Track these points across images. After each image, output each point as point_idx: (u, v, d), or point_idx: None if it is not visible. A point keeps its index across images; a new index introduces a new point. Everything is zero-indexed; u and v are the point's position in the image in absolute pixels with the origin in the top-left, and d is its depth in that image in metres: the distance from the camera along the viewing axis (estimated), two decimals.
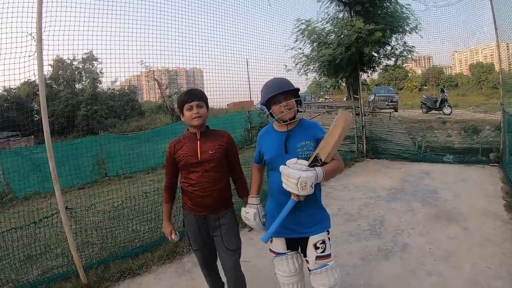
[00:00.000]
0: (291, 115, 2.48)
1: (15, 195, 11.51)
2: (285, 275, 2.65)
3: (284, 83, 2.53)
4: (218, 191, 2.74)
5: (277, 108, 2.50)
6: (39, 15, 3.91)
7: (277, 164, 2.45)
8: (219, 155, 2.75)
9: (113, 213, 6.05)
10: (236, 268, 2.88)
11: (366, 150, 10.65)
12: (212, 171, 2.72)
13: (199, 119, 2.69)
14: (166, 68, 28.97)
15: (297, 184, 2.23)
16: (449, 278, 3.67)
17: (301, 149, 2.46)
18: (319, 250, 2.48)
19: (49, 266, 4.72)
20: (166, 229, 2.94)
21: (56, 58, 33.77)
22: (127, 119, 34.10)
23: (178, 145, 2.80)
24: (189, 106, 2.68)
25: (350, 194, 6.88)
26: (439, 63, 45.35)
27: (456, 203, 5.95)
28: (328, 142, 2.38)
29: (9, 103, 34.61)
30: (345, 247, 4.55)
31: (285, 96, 2.49)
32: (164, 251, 4.80)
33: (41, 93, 3.97)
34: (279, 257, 2.65)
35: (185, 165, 2.75)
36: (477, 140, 10.39)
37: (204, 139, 2.77)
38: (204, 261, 2.99)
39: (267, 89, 2.54)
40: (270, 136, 2.65)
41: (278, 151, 2.53)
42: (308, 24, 11.02)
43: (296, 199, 2.35)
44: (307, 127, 2.59)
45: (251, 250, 2.83)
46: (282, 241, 2.61)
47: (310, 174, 2.26)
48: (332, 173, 2.43)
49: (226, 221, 2.81)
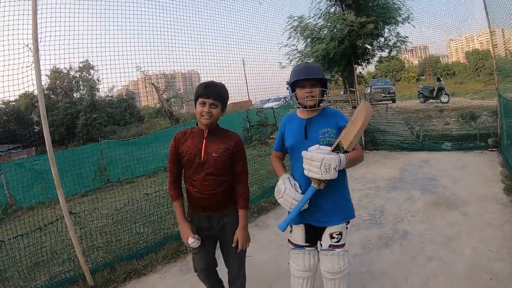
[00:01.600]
0: (312, 103, 2.48)
1: (19, 206, 11.53)
2: (299, 269, 2.65)
3: (313, 69, 2.52)
4: (219, 194, 2.62)
5: (300, 93, 2.51)
6: (34, 26, 3.94)
7: (298, 151, 2.45)
8: (222, 159, 2.60)
9: (117, 217, 6.11)
10: (240, 268, 2.83)
11: (364, 142, 10.63)
12: (214, 175, 2.59)
13: (209, 118, 2.54)
14: (162, 72, 29.03)
15: (321, 167, 2.22)
16: (450, 263, 3.70)
17: (323, 136, 2.46)
18: (334, 240, 2.51)
19: (56, 272, 4.75)
20: (183, 232, 2.65)
21: (53, 69, 33.88)
22: (126, 125, 34.16)
23: (183, 138, 2.66)
24: (202, 101, 2.53)
25: (350, 186, 6.66)
26: (435, 52, 45.11)
27: (455, 189, 5.98)
28: (351, 131, 2.39)
29: (8, 115, 34.72)
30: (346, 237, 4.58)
31: (312, 83, 2.49)
32: (168, 251, 4.84)
33: (40, 102, 4.03)
34: (296, 250, 2.66)
35: (187, 163, 2.62)
36: (474, 126, 10.41)
37: (211, 138, 2.61)
38: (202, 264, 2.79)
39: (296, 72, 2.55)
40: (292, 123, 2.65)
41: (298, 137, 2.53)
42: (301, 20, 11.03)
43: (316, 186, 2.35)
44: (330, 115, 2.59)
45: (253, 245, 2.85)
46: (302, 230, 2.61)
47: (334, 156, 2.27)
48: (353, 161, 2.43)
49: (230, 220, 2.70)
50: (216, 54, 8.80)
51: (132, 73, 12.97)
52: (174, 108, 27.87)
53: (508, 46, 8.35)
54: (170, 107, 25.98)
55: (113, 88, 34.49)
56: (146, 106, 37.90)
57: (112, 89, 35.17)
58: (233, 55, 9.18)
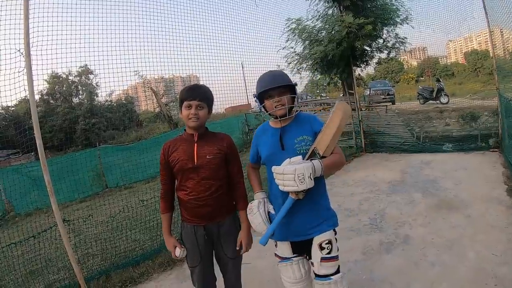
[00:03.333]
0: (282, 112, 2.35)
1: (16, 212, 11.52)
2: (290, 281, 2.52)
3: (279, 77, 2.40)
4: (215, 199, 2.53)
5: (269, 103, 2.38)
6: (26, 31, 3.89)
7: (274, 163, 2.33)
8: (217, 161, 2.53)
9: (113, 224, 6.04)
10: (236, 279, 2.78)
11: (364, 145, 10.58)
12: (209, 179, 2.51)
13: (197, 120, 2.48)
14: (161, 76, 29.04)
15: (295, 178, 2.09)
16: (453, 268, 3.61)
17: (299, 144, 2.34)
18: (324, 251, 2.34)
19: (51, 280, 4.69)
20: (168, 245, 2.64)
21: (51, 74, 33.98)
22: (126, 130, 34.23)
23: (172, 147, 2.57)
24: (188, 104, 2.47)
25: (350, 190, 6.86)
26: (434, 53, 45.41)
27: (457, 191, 5.90)
28: (326, 135, 2.26)
29: (7, 121, 34.76)
30: (346, 243, 4.48)
31: (280, 91, 2.36)
32: (164, 258, 4.78)
33: (32, 107, 3.96)
34: (284, 262, 2.53)
35: (180, 170, 2.52)
36: (475, 127, 10.34)
37: (201, 142, 2.55)
38: (202, 278, 2.68)
39: (261, 82, 2.43)
40: (266, 133, 2.53)
41: (274, 148, 2.41)
42: (299, 22, 11.04)
43: (294, 197, 2.22)
44: (304, 120, 2.46)
45: (251, 251, 2.76)
46: (287, 245, 2.49)
47: (306, 164, 2.14)
48: (332, 166, 2.30)
49: (226, 228, 2.63)
50: (215, 57, 8.75)
51: (131, 78, 12.97)
52: (173, 112, 27.83)
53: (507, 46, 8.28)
54: (169, 111, 25.95)
55: (112, 93, 34.55)
56: (146, 111, 37.97)
57: (111, 94, 35.28)
58: (231, 58, 9.13)
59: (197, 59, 8.18)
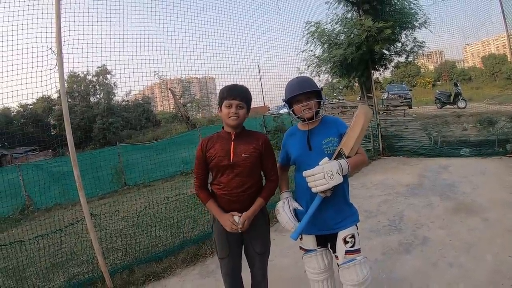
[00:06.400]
0: (310, 115, 2.53)
1: (36, 207, 11.76)
2: (314, 272, 2.68)
3: (306, 83, 2.58)
4: (247, 196, 2.61)
5: (297, 108, 2.57)
6: (58, 29, 4.03)
7: (304, 163, 2.52)
8: (253, 160, 2.61)
9: (136, 220, 6.15)
10: (263, 275, 2.83)
11: (382, 148, 10.59)
12: (243, 176, 2.59)
13: (237, 119, 2.57)
14: (179, 77, 29.28)
15: (325, 176, 2.28)
16: (471, 269, 3.64)
17: (326, 146, 2.51)
18: (348, 245, 2.50)
19: (74, 273, 4.81)
20: (226, 222, 2.58)
21: (70, 73, 34.41)
22: (142, 130, 34.51)
23: (210, 143, 2.66)
24: (228, 103, 2.55)
25: (369, 192, 6.90)
26: (451, 57, 44.85)
27: (475, 196, 5.89)
28: (351, 137, 2.45)
29: (25, 119, 35.33)
30: (366, 243, 4.53)
31: (307, 96, 2.54)
32: (187, 254, 4.87)
33: (63, 104, 4.10)
34: (309, 254, 2.69)
35: (215, 166, 2.61)
36: (493, 132, 10.28)
37: (238, 140, 2.64)
38: (229, 270, 2.76)
39: (289, 88, 2.60)
40: (295, 136, 2.71)
41: (302, 149, 2.59)
42: (318, 26, 11.09)
43: (323, 195, 2.39)
44: (330, 123, 2.64)
45: (275, 249, 2.86)
46: (312, 238, 2.65)
47: (333, 162, 2.34)
48: (356, 165, 2.49)
49: (255, 223, 2.66)
50: (232, 59, 8.82)
51: (149, 78, 13.10)
52: (190, 113, 28.04)
53: None
54: (186, 112, 26.16)
55: (129, 93, 34.94)
56: (162, 111, 38.25)
57: (128, 94, 35.66)
58: (249, 60, 9.20)
59: (214, 60, 8.27)
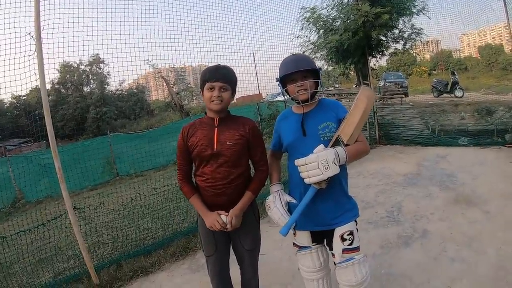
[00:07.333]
0: (305, 97, 2.29)
1: (27, 199, 11.59)
2: (309, 270, 2.47)
3: (303, 61, 2.33)
4: (233, 188, 2.39)
5: (292, 87, 2.32)
6: (36, 13, 3.85)
7: (297, 150, 2.29)
8: (239, 148, 2.38)
9: (124, 212, 6.00)
10: (253, 271, 2.67)
11: (378, 137, 10.44)
12: (227, 166, 2.36)
13: (220, 103, 2.34)
14: (172, 66, 29.06)
15: (319, 165, 2.03)
16: (474, 264, 3.50)
17: (323, 131, 2.26)
18: (346, 242, 2.29)
19: (60, 269, 4.67)
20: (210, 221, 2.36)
21: (63, 63, 34.18)
22: (136, 119, 34.47)
23: (191, 130, 2.43)
24: (210, 86, 2.32)
25: (366, 181, 6.74)
26: (447, 46, 44.85)
27: (474, 186, 5.75)
28: (350, 122, 2.19)
29: (19, 110, 35.16)
30: (363, 235, 4.32)
31: (303, 75, 2.29)
32: (176, 248, 4.72)
33: (42, 91, 3.92)
34: (303, 251, 2.49)
35: (198, 156, 2.38)
36: (491, 122, 10.14)
37: (222, 126, 2.40)
38: (217, 268, 2.57)
39: (284, 66, 2.35)
40: (288, 120, 2.46)
41: (296, 134, 2.34)
42: (313, 11, 10.90)
43: (317, 186, 2.15)
44: (328, 106, 2.38)
45: (267, 242, 2.69)
46: (307, 233, 2.44)
47: (329, 150, 2.08)
48: (355, 154, 2.23)
49: (244, 219, 2.47)
50: (226, 47, 8.67)
51: (143, 67, 12.92)
52: (184, 102, 27.88)
53: None
54: (180, 100, 25.96)
55: (123, 82, 34.72)
56: (156, 100, 38.12)
57: (122, 83, 35.44)
58: (243, 48, 9.05)
59: (208, 49, 8.15)
